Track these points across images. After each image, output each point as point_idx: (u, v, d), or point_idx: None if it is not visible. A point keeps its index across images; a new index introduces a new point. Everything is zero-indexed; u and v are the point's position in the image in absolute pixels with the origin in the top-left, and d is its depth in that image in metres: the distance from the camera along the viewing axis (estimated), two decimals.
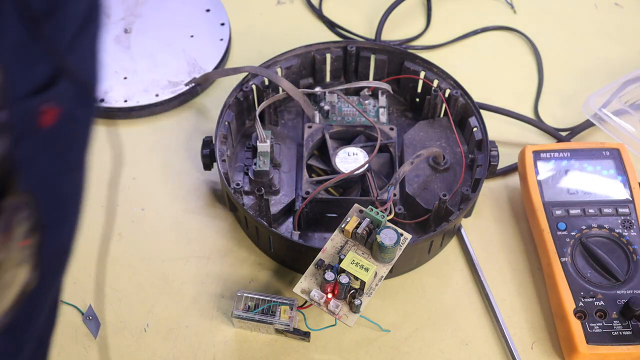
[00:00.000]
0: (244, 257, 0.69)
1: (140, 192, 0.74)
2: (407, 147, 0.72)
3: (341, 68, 0.79)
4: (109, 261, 0.68)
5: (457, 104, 0.73)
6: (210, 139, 0.70)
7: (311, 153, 0.72)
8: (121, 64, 0.81)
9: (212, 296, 0.66)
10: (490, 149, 0.68)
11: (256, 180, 0.69)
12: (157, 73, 0.80)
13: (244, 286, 0.66)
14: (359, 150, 0.70)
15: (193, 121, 0.79)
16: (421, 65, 0.75)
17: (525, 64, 0.85)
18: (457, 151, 0.72)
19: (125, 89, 0.79)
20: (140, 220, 0.71)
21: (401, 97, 0.78)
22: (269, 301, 0.61)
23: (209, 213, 0.72)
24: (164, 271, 0.68)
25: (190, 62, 0.82)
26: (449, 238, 0.69)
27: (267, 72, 0.72)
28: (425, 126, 0.74)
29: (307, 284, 0.57)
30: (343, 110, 0.75)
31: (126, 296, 0.66)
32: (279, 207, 0.68)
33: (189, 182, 0.74)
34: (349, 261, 0.56)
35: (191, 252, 0.69)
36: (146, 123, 0.78)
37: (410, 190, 0.69)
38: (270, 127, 0.74)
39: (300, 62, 0.76)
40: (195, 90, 0.80)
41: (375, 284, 0.57)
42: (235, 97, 0.72)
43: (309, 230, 0.69)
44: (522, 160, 0.70)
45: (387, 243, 0.56)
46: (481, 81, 0.81)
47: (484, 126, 0.70)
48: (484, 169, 0.68)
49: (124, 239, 0.70)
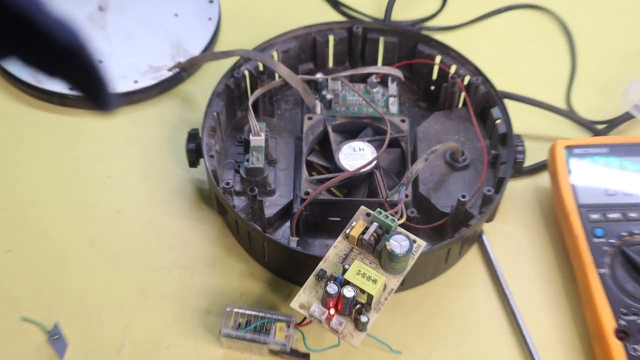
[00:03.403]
0: (234, 266, 0.69)
1: (115, 192, 0.73)
2: (420, 142, 0.72)
3: (346, 52, 0.79)
4: (78, 271, 0.68)
5: (478, 92, 0.73)
6: (196, 131, 0.70)
7: (311, 148, 0.72)
8: (96, 46, 0.80)
9: (197, 312, 0.66)
10: (515, 144, 0.68)
11: (249, 179, 0.68)
12: (136, 57, 0.80)
13: (233, 300, 0.66)
14: (365, 145, 0.70)
15: (177, 111, 0.79)
16: (437, 48, 0.75)
17: (556, 47, 0.85)
18: (477, 146, 0.72)
19: None
20: (115, 225, 0.71)
21: (414, 85, 0.78)
22: (263, 317, 0.61)
23: (194, 216, 0.72)
24: (142, 283, 0.68)
25: (174, 44, 0.82)
26: (468, 245, 0.69)
27: (261, 56, 0.72)
28: (441, 118, 0.74)
29: (307, 297, 0.57)
30: (348, 100, 0.75)
31: (98, 312, 0.66)
32: (275, 209, 0.68)
33: (172, 181, 0.74)
34: (354, 272, 0.56)
35: (173, 261, 0.69)
36: (123, 113, 0.78)
37: (425, 190, 0.69)
38: (265, 118, 0.74)
39: (299, 44, 0.76)
40: (180, 76, 0.80)
41: (384, 297, 0.57)
42: (225, 85, 0.72)
43: (309, 236, 0.69)
44: (552, 156, 0.70)
45: (398, 251, 0.56)
46: (505, 67, 0.81)
47: (508, 118, 0.70)
48: (509, 166, 0.67)
49: (96, 246, 0.70)
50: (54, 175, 0.74)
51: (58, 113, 0.78)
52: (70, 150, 0.76)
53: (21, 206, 0.72)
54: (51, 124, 0.78)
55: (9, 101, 0.79)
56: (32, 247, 0.69)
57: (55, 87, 0.77)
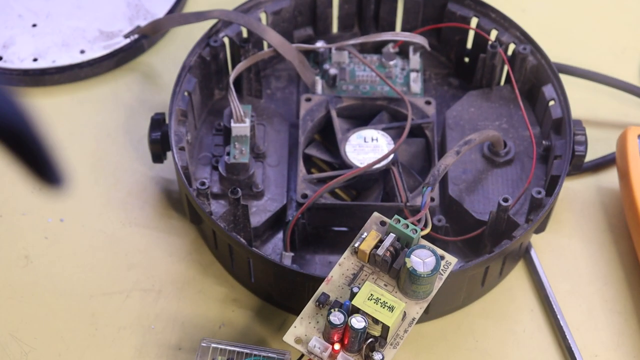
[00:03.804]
0: (211, 290, 0.70)
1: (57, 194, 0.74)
2: (450, 130, 0.73)
3: (354, 13, 0.79)
4: (10, 297, 0.69)
5: (526, 65, 0.73)
6: (162, 116, 0.70)
7: (310, 138, 0.73)
8: (28, 4, 0.82)
9: (164, 348, 0.67)
10: (574, 133, 0.69)
11: (230, 178, 0.69)
12: (83, 19, 0.80)
13: (211, 333, 0.67)
14: (380, 134, 0.71)
15: (136, 90, 0.80)
16: (472, 8, 0.75)
17: (628, 6, 0.85)
18: (524, 135, 0.73)
19: (34, 42, 0.80)
20: (57, 237, 0.72)
21: (443, 57, 0.79)
22: (248, 355, 0.62)
23: (159, 226, 0.73)
24: (94, 311, 0.68)
25: (132, 2, 0.82)
26: (512, 263, 0.70)
27: (245, 19, 0.73)
28: (477, 99, 0.75)
29: (305, 329, 0.57)
30: (357, 76, 0.76)
31: (36, 348, 0.67)
32: (264, 216, 0.69)
33: (131, 180, 0.75)
34: (365, 296, 0.56)
35: (133, 283, 0.70)
36: (67, 93, 0.79)
37: (456, 192, 0.70)
38: (250, 99, 0.75)
39: (294, 4, 0.77)
40: (140, 44, 0.81)
41: (403, 329, 0.57)
42: (199, 56, 0.73)
43: (307, 251, 0.70)
44: (622, 148, 0.71)
45: (422, 270, 0.56)
46: (562, 33, 0.82)
47: (565, 99, 0.71)
48: (565, 161, 0.68)
49: (32, 264, 0.71)
50: None
51: None
52: None
53: None
54: None
55: None
56: None
57: None
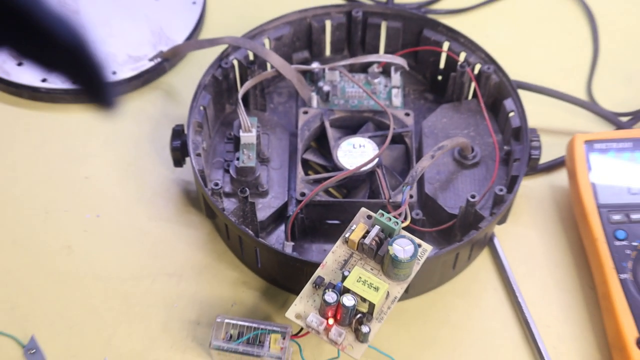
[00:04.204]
0: (224, 274, 0.70)
1: (94, 194, 0.75)
2: (426, 137, 0.73)
3: (344, 39, 0.80)
4: (55, 281, 0.70)
5: (490, 82, 0.74)
6: (181, 127, 0.71)
7: (307, 145, 0.74)
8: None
9: (185, 323, 0.67)
10: (530, 139, 0.70)
11: (239, 179, 0.70)
12: (114, 45, 0.81)
13: (224, 310, 0.68)
14: (366, 141, 0.72)
15: (159, 106, 0.80)
16: (444, 34, 0.76)
17: (577, 31, 0.86)
18: (489, 142, 0.73)
19: None
20: (94, 230, 0.73)
21: (419, 75, 0.80)
22: (256, 328, 0.62)
23: (180, 220, 0.73)
24: (125, 293, 0.69)
25: (156, 31, 0.83)
26: (478, 250, 0.71)
27: (251, 45, 0.73)
28: (449, 111, 0.75)
29: (303, 307, 0.58)
30: (347, 92, 0.76)
31: (78, 324, 0.67)
32: (268, 212, 0.70)
33: (156, 182, 0.75)
34: (354, 279, 0.57)
35: (159, 268, 0.70)
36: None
37: (431, 190, 0.70)
38: (256, 112, 0.75)
39: (293, 31, 0.77)
40: (162, 67, 0.81)
41: (387, 306, 0.58)
42: (212, 76, 0.73)
43: (305, 240, 0.70)
44: (571, 152, 0.71)
45: (402, 256, 0.57)
46: (520, 54, 0.82)
47: (522, 110, 0.71)
48: (523, 163, 0.69)
49: (74, 253, 0.71)
50: (25, 177, 0.75)
51: (29, 108, 0.79)
52: (44, 149, 0.77)
53: None
54: (21, 121, 0.79)
55: None
56: (4, 256, 0.71)
57: (25, 80, 0.78)
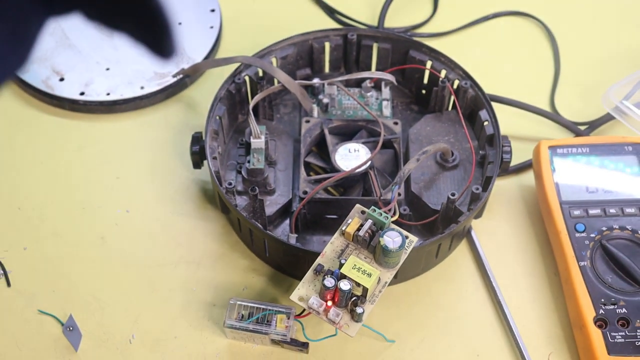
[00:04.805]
0: (237, 262, 0.69)
1: (124, 192, 0.74)
2: (412, 143, 0.72)
3: (341, 58, 0.79)
4: (90, 267, 0.69)
5: (467, 96, 0.73)
6: (200, 134, 0.70)
7: (309, 150, 0.73)
8: (103, 54, 0.81)
9: (202, 305, 0.66)
10: (502, 145, 0.69)
11: (250, 179, 0.69)
12: (142, 64, 0.80)
13: (237, 294, 0.67)
14: (360, 146, 0.70)
15: (181, 116, 0.79)
16: (427, 54, 0.75)
17: (541, 52, 0.85)
18: (466, 147, 0.72)
19: (107, 81, 0.79)
20: (124, 223, 0.72)
21: (406, 89, 0.79)
22: (264, 310, 0.62)
23: (199, 215, 0.72)
24: (151, 278, 0.68)
25: (178, 51, 0.81)
26: (458, 241, 0.70)
27: (261, 63, 0.73)
28: (432, 120, 0.74)
29: (305, 291, 0.57)
30: (343, 104, 0.75)
31: (110, 305, 0.67)
32: (275, 208, 0.69)
33: (178, 182, 0.74)
34: (350, 266, 0.56)
35: (180, 257, 0.70)
36: (130, 118, 0.79)
37: (416, 189, 0.70)
38: (264, 121, 0.74)
39: (296, 51, 0.77)
40: (184, 82, 0.80)
41: (378, 290, 0.57)
42: (227, 90, 0.72)
43: (307, 233, 0.69)
44: (537, 156, 0.71)
45: (392, 246, 0.56)
46: (493, 71, 0.82)
47: (495, 120, 0.71)
48: (496, 166, 0.68)
49: (106, 243, 0.70)
50: (65, 177, 0.75)
51: (69, 118, 0.78)
52: (81, 153, 0.76)
53: (35, 206, 0.72)
54: (62, 129, 0.78)
55: (23, 107, 0.79)
56: (46, 245, 0.70)
57: (66, 93, 0.78)
